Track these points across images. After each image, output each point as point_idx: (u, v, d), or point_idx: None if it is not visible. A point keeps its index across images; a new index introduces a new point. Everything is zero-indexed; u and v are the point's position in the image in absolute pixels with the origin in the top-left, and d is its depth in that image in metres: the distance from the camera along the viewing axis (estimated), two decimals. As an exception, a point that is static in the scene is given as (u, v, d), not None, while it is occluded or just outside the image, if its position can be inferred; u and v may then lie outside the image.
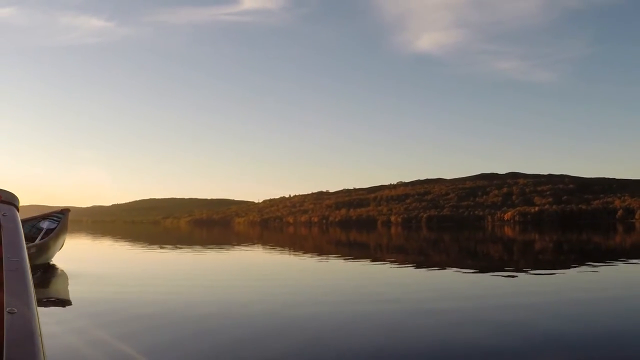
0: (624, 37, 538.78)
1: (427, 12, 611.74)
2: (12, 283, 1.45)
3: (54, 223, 14.58)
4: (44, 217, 15.11)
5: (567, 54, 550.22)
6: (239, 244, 26.11)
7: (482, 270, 13.34)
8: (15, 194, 1.95)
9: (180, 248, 24.27)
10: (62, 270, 12.83)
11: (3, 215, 1.81)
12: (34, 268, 9.01)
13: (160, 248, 24.75)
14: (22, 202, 2.02)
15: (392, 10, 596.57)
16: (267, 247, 23.82)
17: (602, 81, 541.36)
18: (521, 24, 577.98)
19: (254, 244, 26.93)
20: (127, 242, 29.38)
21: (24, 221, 13.90)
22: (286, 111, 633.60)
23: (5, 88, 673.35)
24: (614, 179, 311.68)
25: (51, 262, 14.03)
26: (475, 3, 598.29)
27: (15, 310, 1.32)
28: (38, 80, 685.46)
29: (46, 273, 11.92)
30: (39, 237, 12.83)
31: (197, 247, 24.65)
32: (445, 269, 13.49)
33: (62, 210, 15.51)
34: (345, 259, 16.30)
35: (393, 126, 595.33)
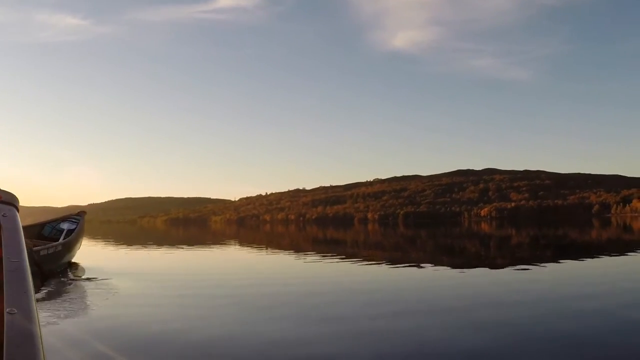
0: (599, 35, 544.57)
1: (402, 10, 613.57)
2: (12, 283, 1.45)
3: (73, 224, 15.61)
4: (64, 219, 16.22)
5: (543, 51, 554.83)
6: (222, 243, 24.73)
7: (461, 266, 12.28)
8: (15, 195, 1.92)
9: (170, 247, 23.45)
10: (84, 267, 13.58)
11: (3, 215, 1.78)
12: (61, 265, 11.24)
13: (144, 247, 24.14)
14: None
15: (367, 8, 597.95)
16: (261, 246, 22.45)
17: (577, 79, 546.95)
18: (497, 21, 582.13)
19: (245, 243, 25.52)
20: (109, 243, 27.99)
21: (45, 222, 15.76)
22: (262, 109, 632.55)
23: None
24: (590, 174, 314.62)
25: (72, 260, 14.77)
26: (450, 1, 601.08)
27: (15, 311, 1.33)
28: (12, 78, 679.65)
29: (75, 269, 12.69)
30: (62, 237, 13.14)
31: (184, 246, 23.56)
32: (420, 266, 12.32)
33: (79, 212, 16.57)
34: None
35: (369, 123, 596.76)
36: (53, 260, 11.53)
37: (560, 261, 12.97)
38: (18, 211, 1.90)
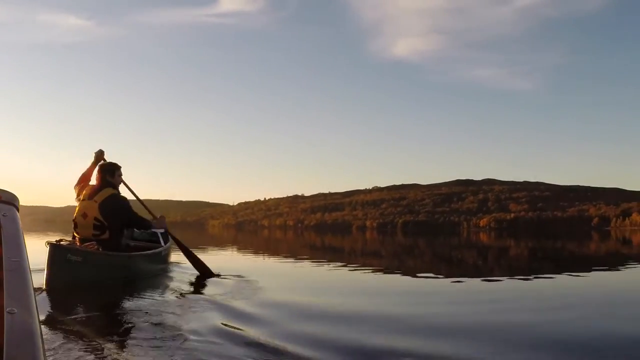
0: (601, 46, 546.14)
1: (404, 17, 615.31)
2: (12, 283, 1.45)
3: None
4: None
5: (544, 63, 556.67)
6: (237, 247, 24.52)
7: (466, 276, 12.01)
8: (16, 194, 1.90)
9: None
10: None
11: (3, 215, 1.75)
12: (169, 264, 10.03)
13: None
14: None
15: (369, 15, 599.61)
16: (280, 253, 22.26)
17: (577, 91, 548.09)
18: (498, 32, 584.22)
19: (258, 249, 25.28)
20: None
21: None
22: (262, 114, 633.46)
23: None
24: (589, 187, 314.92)
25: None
26: (452, 10, 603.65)
27: (15, 311, 1.33)
28: (14, 77, 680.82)
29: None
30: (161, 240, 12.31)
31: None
32: (421, 275, 12.06)
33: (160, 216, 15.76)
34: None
35: (369, 131, 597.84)
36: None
37: (565, 273, 12.72)
38: (18, 211, 1.86)
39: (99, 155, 8.73)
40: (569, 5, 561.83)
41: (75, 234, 7.85)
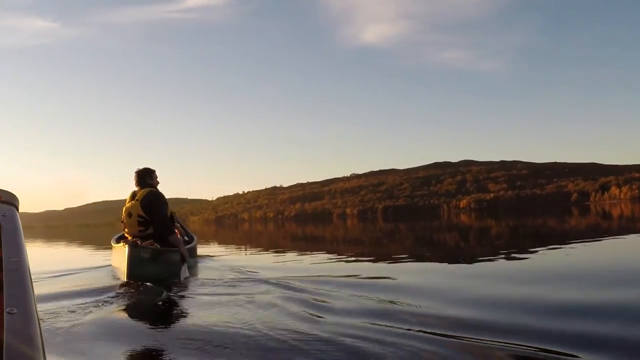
0: (568, 24, 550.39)
1: (372, 4, 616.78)
2: (12, 283, 1.45)
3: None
4: None
5: (514, 42, 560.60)
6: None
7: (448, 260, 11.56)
8: (16, 194, 1.90)
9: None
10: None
11: (3, 215, 1.75)
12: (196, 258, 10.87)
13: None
14: None
15: (337, 3, 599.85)
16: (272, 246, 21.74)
17: (549, 68, 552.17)
18: (467, 13, 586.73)
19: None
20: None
21: None
22: (236, 107, 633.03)
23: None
24: (566, 163, 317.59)
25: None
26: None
27: (15, 311, 1.34)
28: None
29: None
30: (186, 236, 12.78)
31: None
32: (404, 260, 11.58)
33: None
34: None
35: (344, 119, 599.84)
36: None
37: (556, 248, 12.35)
38: (18, 211, 1.84)
39: None
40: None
41: (125, 233, 8.67)
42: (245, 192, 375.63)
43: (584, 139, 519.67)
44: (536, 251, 11.53)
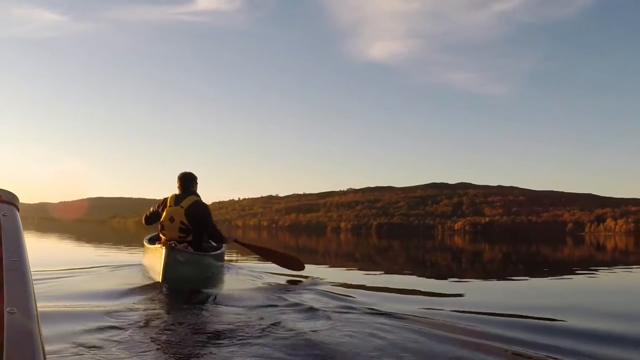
0: (574, 54, 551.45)
1: (381, 20, 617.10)
2: (12, 283, 1.46)
3: None
4: None
5: (520, 68, 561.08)
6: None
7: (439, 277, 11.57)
8: (16, 194, 1.90)
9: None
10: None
11: (3, 215, 1.76)
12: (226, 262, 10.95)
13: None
14: None
15: (346, 16, 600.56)
16: None
17: (551, 96, 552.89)
18: (475, 36, 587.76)
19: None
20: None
21: None
22: (237, 114, 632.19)
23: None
24: (563, 192, 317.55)
25: None
26: (430, 14, 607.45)
27: (15, 310, 1.34)
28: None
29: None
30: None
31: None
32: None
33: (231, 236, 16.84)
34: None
35: (344, 132, 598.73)
36: None
37: (546, 276, 12.31)
38: (18, 210, 1.84)
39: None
40: (544, 11, 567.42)
41: (161, 235, 8.73)
42: (241, 198, 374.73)
43: (583, 169, 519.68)
44: (526, 279, 11.54)
